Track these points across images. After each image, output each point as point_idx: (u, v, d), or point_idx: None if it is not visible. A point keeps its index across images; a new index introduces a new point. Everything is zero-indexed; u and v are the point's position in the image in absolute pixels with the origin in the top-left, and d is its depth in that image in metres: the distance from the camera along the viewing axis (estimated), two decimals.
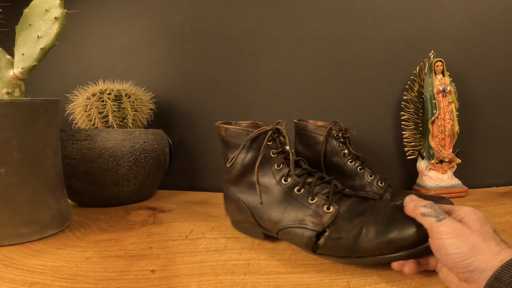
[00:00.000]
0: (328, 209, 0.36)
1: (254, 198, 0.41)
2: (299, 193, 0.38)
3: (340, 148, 0.55)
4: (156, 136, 0.69)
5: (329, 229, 0.35)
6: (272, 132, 0.40)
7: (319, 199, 0.37)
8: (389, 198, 0.50)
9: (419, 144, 0.71)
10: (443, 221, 0.30)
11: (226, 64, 0.80)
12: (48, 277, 0.35)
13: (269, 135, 0.40)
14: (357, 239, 0.34)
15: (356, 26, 0.75)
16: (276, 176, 0.40)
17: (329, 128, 0.56)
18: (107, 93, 0.68)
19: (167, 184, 0.81)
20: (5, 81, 0.49)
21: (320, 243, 0.36)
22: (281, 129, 0.41)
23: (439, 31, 0.74)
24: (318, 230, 0.36)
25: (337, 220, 0.36)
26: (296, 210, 0.38)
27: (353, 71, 0.76)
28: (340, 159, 0.55)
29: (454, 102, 0.67)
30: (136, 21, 0.83)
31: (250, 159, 0.41)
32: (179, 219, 0.56)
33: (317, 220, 0.36)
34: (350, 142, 0.57)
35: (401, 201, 0.49)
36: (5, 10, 0.58)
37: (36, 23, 0.50)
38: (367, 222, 0.35)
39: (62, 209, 0.51)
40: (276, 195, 0.39)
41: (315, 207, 0.37)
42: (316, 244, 0.36)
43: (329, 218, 0.36)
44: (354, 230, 0.34)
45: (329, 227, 0.36)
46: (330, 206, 0.37)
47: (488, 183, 0.74)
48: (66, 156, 0.60)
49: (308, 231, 0.36)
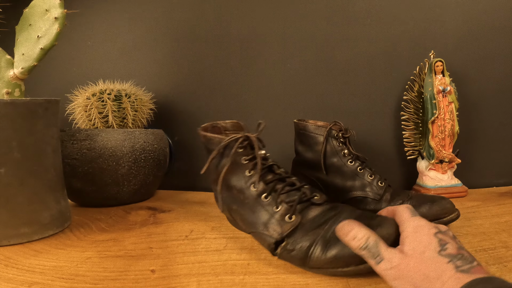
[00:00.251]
0: (290, 218, 0.36)
1: (230, 200, 0.42)
2: (265, 200, 0.39)
3: (340, 148, 0.55)
4: (156, 136, 0.69)
5: (287, 240, 0.36)
6: (242, 139, 0.40)
7: (283, 208, 0.37)
8: (389, 198, 0.50)
9: (419, 144, 0.71)
10: (380, 264, 0.29)
11: (226, 64, 0.80)
12: (48, 277, 0.35)
13: (239, 143, 0.40)
14: (308, 252, 0.34)
15: (356, 26, 0.75)
16: (247, 182, 0.40)
17: (329, 128, 0.56)
18: (107, 93, 0.68)
19: (167, 184, 0.81)
20: (5, 81, 0.49)
21: (277, 252, 0.36)
22: (251, 137, 0.41)
23: (439, 31, 0.74)
24: (277, 238, 0.36)
25: (296, 231, 0.36)
26: (263, 216, 0.38)
27: (354, 71, 0.76)
28: (340, 159, 0.55)
29: (454, 102, 0.67)
30: (136, 21, 0.83)
31: (223, 166, 0.41)
32: (179, 219, 0.56)
33: (278, 229, 0.36)
34: (350, 142, 0.57)
35: (401, 202, 0.49)
36: (5, 10, 0.58)
37: (36, 23, 0.50)
38: (320, 236, 0.34)
39: (62, 209, 0.51)
40: (248, 200, 0.40)
41: (279, 216, 0.37)
42: (275, 252, 0.37)
43: (288, 228, 0.36)
44: (306, 243, 0.34)
45: (287, 237, 0.36)
46: (292, 216, 0.36)
47: (488, 183, 0.74)
48: (66, 156, 0.60)
49: (269, 238, 0.37)
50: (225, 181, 0.42)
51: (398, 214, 0.34)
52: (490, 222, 0.50)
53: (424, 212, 0.46)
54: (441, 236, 0.28)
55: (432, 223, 0.31)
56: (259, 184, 0.39)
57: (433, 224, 0.30)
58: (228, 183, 0.42)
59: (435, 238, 0.28)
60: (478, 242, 0.42)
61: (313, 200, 0.38)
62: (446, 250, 0.26)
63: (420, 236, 0.28)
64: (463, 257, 0.26)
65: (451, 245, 0.27)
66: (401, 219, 0.32)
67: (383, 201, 0.50)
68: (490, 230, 0.46)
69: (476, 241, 0.42)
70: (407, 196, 0.50)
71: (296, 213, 0.37)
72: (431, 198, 0.48)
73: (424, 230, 0.29)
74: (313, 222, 0.36)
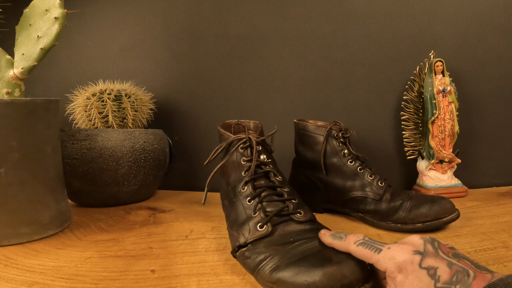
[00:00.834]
0: (261, 227, 0.36)
1: (225, 195, 0.44)
2: (248, 204, 0.39)
3: (340, 148, 0.55)
4: (156, 136, 0.69)
5: (249, 246, 0.35)
6: (244, 140, 0.42)
7: (259, 216, 0.37)
8: (389, 198, 0.50)
9: (419, 144, 0.71)
10: None
11: (227, 64, 0.80)
12: (48, 277, 0.35)
13: (241, 143, 0.42)
14: (258, 265, 0.33)
15: (356, 26, 0.75)
16: (240, 182, 0.41)
17: (329, 128, 0.56)
18: (107, 93, 0.68)
19: (167, 184, 0.81)
20: (5, 81, 0.49)
21: (236, 254, 0.36)
22: (253, 140, 0.42)
23: (439, 31, 0.74)
24: (241, 243, 0.36)
25: (261, 241, 0.35)
26: (240, 218, 0.39)
27: (353, 71, 0.76)
28: (340, 159, 0.55)
29: (454, 102, 0.67)
30: (136, 21, 0.83)
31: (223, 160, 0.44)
32: (179, 219, 0.56)
33: (247, 234, 0.36)
34: (350, 142, 0.57)
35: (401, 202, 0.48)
36: (5, 10, 0.58)
37: (36, 23, 0.50)
38: (278, 253, 0.33)
39: (62, 209, 0.51)
40: (235, 199, 0.41)
41: (253, 222, 0.37)
42: (234, 254, 0.37)
43: (254, 237, 0.35)
44: (261, 256, 0.33)
45: (251, 243, 0.35)
46: (264, 226, 0.36)
47: (488, 183, 0.74)
48: (66, 156, 0.60)
49: (235, 239, 0.37)
50: (225, 177, 0.44)
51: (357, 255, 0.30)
52: (490, 222, 0.50)
53: (424, 212, 0.46)
54: (427, 263, 0.26)
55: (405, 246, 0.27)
56: (248, 186, 0.40)
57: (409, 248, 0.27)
58: (228, 180, 0.43)
59: (422, 271, 0.25)
60: (478, 242, 0.42)
61: (294, 216, 0.37)
62: (440, 279, 0.25)
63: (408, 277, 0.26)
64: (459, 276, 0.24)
65: (441, 269, 0.25)
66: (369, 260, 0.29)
67: (383, 201, 0.50)
68: (490, 230, 0.46)
69: (476, 241, 0.42)
70: (407, 196, 0.50)
71: (268, 224, 0.36)
72: (431, 198, 0.48)
73: (408, 266, 0.26)
74: (282, 238, 0.35)
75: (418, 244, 0.27)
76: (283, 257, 0.32)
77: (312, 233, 0.35)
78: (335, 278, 0.28)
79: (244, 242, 0.36)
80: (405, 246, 0.27)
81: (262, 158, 0.42)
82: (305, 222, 0.37)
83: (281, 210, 0.37)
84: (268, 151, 0.45)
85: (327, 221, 0.53)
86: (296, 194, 0.41)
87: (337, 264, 0.29)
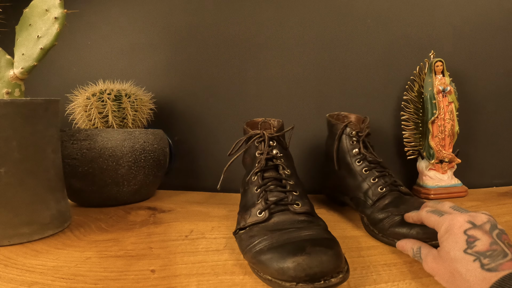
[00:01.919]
0: (259, 214, 0.39)
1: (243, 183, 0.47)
2: (256, 192, 0.43)
3: (351, 147, 0.55)
4: (156, 136, 0.69)
5: (247, 229, 0.39)
6: (259, 136, 0.48)
7: (261, 204, 0.40)
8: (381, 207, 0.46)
9: (419, 144, 0.71)
10: (423, 264, 0.31)
11: (227, 64, 0.80)
12: (48, 277, 0.35)
13: (256, 138, 0.48)
14: (247, 246, 0.36)
15: (356, 26, 0.75)
16: (252, 173, 0.45)
17: (343, 126, 0.56)
18: (107, 93, 0.68)
19: (167, 184, 0.81)
20: (5, 81, 0.49)
21: (236, 234, 0.41)
22: (266, 135, 0.47)
23: (439, 31, 0.74)
24: (241, 226, 0.40)
25: (257, 226, 0.38)
26: (248, 204, 0.42)
27: (353, 71, 0.76)
28: (350, 158, 0.54)
29: (454, 102, 0.67)
30: (136, 21, 0.83)
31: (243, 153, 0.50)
32: (179, 219, 0.56)
33: (248, 218, 0.40)
34: (366, 141, 0.55)
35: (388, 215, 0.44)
36: (5, 10, 0.58)
37: (36, 23, 0.49)
38: (264, 238, 0.35)
39: (62, 209, 0.51)
40: (248, 188, 0.45)
41: (256, 209, 0.40)
42: (235, 234, 0.41)
43: (252, 221, 0.39)
44: (252, 240, 0.36)
45: (248, 227, 0.39)
46: (262, 212, 0.39)
47: (488, 183, 0.74)
48: (66, 156, 0.60)
49: (239, 222, 0.41)
50: (245, 167, 0.51)
51: (425, 222, 0.34)
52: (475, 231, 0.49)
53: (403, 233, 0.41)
54: (472, 232, 0.27)
55: (465, 215, 0.29)
56: (257, 176, 0.44)
57: (466, 218, 0.29)
58: (246, 170, 0.50)
59: (463, 236, 0.27)
60: None
61: (291, 207, 0.40)
62: (474, 247, 0.25)
63: (449, 235, 0.28)
64: (494, 253, 0.24)
65: (481, 242, 0.26)
66: (432, 225, 0.33)
67: (375, 207, 0.47)
68: None
69: None
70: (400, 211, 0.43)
71: (266, 211, 0.39)
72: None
73: (455, 228, 0.28)
74: (275, 225, 0.37)
75: (479, 219, 0.29)
76: (269, 242, 0.34)
77: (305, 224, 0.37)
78: (301, 267, 0.29)
79: (244, 225, 0.39)
80: (466, 215, 0.29)
81: (275, 153, 0.47)
82: (300, 214, 0.39)
83: (280, 200, 0.40)
84: (283, 146, 0.49)
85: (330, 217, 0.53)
86: (300, 187, 0.44)
87: (307, 254, 0.30)
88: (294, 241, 0.33)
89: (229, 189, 0.70)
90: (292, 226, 0.37)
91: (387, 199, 0.48)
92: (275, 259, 0.31)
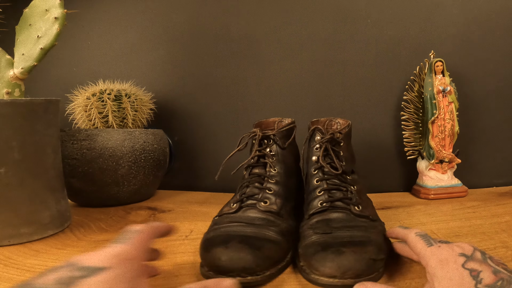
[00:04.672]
0: (232, 205, 0.42)
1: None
2: (242, 184, 0.45)
3: (312, 154, 0.47)
4: (156, 136, 0.69)
5: (221, 216, 0.41)
6: (254, 134, 0.49)
7: (237, 196, 0.44)
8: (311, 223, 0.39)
9: (419, 144, 0.71)
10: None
11: (227, 64, 0.80)
12: None
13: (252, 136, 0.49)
14: (208, 232, 0.38)
15: (356, 26, 0.75)
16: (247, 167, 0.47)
17: (310, 131, 0.49)
18: (107, 93, 0.68)
19: (167, 184, 0.81)
20: (5, 81, 0.49)
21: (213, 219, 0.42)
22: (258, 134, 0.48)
23: (439, 31, 0.74)
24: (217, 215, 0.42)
25: (227, 216, 0.40)
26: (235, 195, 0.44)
27: (353, 71, 0.76)
28: (308, 165, 0.48)
29: (454, 102, 0.67)
30: (136, 21, 0.83)
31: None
32: (179, 219, 0.56)
33: (225, 208, 0.43)
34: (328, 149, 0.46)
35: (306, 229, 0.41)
36: (5, 10, 0.58)
37: (36, 23, 0.50)
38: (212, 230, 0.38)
39: (62, 209, 0.51)
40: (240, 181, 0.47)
41: (233, 201, 0.43)
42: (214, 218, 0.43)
43: (224, 211, 0.42)
44: (215, 225, 0.39)
45: (222, 215, 0.41)
46: (233, 205, 0.42)
47: (488, 183, 0.74)
48: (66, 156, 0.60)
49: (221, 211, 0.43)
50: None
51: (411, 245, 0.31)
52: (490, 222, 0.50)
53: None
54: (471, 265, 0.25)
55: (454, 247, 0.28)
56: (247, 172, 0.46)
57: (456, 249, 0.27)
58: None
59: (465, 271, 0.25)
60: (478, 242, 0.42)
61: (257, 204, 0.41)
62: (482, 281, 0.24)
63: (448, 273, 0.25)
64: (503, 282, 0.23)
65: (484, 273, 0.24)
66: (417, 251, 0.30)
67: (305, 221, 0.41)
68: (490, 230, 0.46)
69: (476, 241, 0.42)
70: (325, 231, 0.36)
71: (237, 204, 0.41)
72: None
73: (450, 263, 0.26)
74: (239, 218, 0.39)
75: (467, 249, 0.27)
76: (223, 231, 0.36)
77: (264, 222, 0.38)
78: (234, 261, 0.32)
79: (220, 213, 0.42)
80: (454, 246, 0.28)
81: (268, 151, 0.47)
82: (264, 212, 0.40)
83: (251, 196, 0.42)
84: (280, 146, 0.48)
85: None
86: (280, 186, 0.44)
87: (225, 248, 0.33)
88: (239, 235, 0.35)
89: (229, 189, 0.70)
90: (251, 222, 0.38)
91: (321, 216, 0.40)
92: (216, 248, 0.33)
